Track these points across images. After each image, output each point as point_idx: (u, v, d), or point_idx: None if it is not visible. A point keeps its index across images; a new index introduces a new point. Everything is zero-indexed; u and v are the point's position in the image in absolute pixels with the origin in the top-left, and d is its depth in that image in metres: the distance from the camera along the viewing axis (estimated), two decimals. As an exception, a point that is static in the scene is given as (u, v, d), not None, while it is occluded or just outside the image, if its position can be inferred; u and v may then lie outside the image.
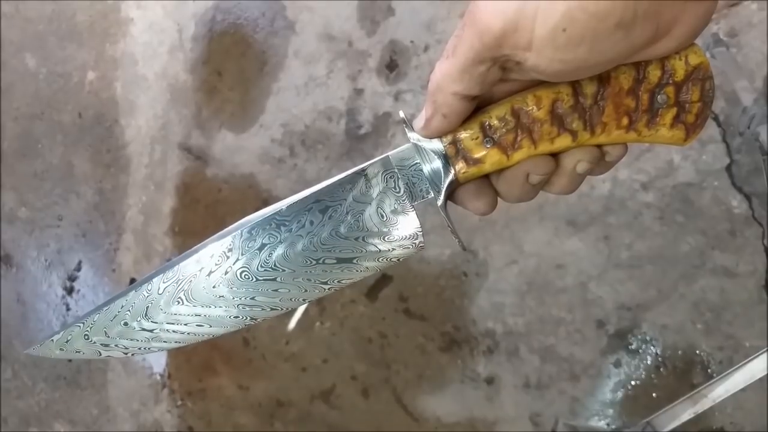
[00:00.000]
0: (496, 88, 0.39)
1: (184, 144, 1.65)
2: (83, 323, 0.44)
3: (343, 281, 0.42)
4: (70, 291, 1.82)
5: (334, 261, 0.41)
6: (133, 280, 1.73)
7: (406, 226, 0.41)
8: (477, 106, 0.40)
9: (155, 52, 1.68)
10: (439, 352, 1.39)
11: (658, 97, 0.38)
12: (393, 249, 0.41)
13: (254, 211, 0.43)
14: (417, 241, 0.42)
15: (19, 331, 1.90)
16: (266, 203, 1.53)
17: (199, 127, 1.63)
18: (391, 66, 1.41)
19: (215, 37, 1.61)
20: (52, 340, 0.44)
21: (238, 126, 1.58)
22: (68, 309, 1.82)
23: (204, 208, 1.63)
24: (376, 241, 0.41)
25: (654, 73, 0.37)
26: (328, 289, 0.42)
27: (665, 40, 0.34)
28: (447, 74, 0.36)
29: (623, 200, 1.22)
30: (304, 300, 0.42)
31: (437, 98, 0.38)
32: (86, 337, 0.44)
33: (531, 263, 1.29)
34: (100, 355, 0.44)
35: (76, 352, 0.44)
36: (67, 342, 0.44)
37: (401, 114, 0.43)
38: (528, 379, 1.31)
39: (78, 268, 1.81)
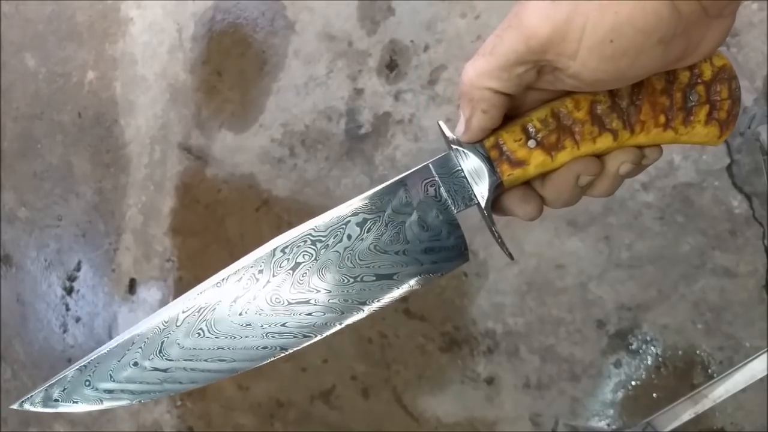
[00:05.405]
0: (526, 98, 0.39)
1: (184, 144, 1.65)
2: (84, 367, 0.40)
3: (382, 300, 0.39)
4: (69, 291, 1.82)
5: (374, 278, 0.39)
6: (132, 281, 1.73)
7: (450, 236, 0.40)
8: (507, 118, 0.40)
9: (155, 52, 1.68)
10: (439, 352, 1.38)
11: (690, 95, 0.40)
12: (436, 261, 0.39)
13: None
14: (461, 251, 0.40)
15: (18, 332, 1.89)
16: (266, 203, 1.52)
17: (198, 127, 1.63)
18: (391, 66, 1.41)
19: (215, 37, 1.61)
20: (46, 390, 0.40)
21: (238, 126, 1.58)
22: (68, 309, 1.82)
23: (204, 208, 1.63)
24: (418, 253, 0.39)
25: (684, 74, 0.39)
26: (366, 310, 0.39)
27: (692, 56, 0.37)
28: (483, 72, 0.36)
29: (623, 200, 1.22)
30: (339, 323, 0.39)
31: (474, 95, 0.37)
32: (87, 383, 0.40)
33: (531, 263, 1.29)
34: (101, 404, 0.40)
35: (73, 402, 0.40)
36: (64, 391, 0.40)
37: (440, 123, 0.42)
38: (528, 379, 1.31)
39: (77, 268, 1.81)
